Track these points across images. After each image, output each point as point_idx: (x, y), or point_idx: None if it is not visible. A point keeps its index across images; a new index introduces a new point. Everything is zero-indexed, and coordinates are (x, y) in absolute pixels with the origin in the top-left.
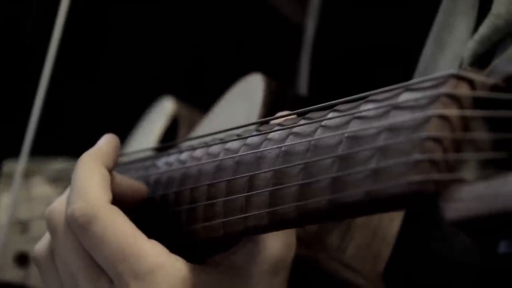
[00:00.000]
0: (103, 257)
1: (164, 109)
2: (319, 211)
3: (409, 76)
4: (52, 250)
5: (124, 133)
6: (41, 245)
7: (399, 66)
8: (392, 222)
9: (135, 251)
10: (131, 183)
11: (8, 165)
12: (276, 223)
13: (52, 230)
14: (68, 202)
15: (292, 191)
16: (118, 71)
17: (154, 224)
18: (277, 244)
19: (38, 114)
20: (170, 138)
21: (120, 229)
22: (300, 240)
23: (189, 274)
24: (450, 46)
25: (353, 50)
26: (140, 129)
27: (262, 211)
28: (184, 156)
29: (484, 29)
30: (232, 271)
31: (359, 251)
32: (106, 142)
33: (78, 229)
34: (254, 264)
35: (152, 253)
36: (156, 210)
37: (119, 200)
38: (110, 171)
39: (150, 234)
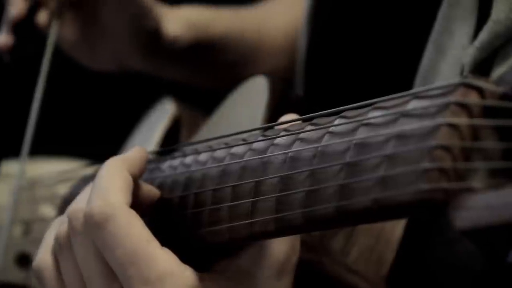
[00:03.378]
0: (115, 258)
1: (166, 111)
2: (326, 217)
3: (408, 81)
4: (57, 257)
5: (125, 134)
6: (44, 254)
7: (398, 71)
8: (395, 226)
9: (146, 255)
10: (150, 190)
11: (6, 166)
12: (282, 229)
13: (73, 229)
14: (88, 201)
15: (299, 197)
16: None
17: (161, 227)
18: (281, 247)
19: (36, 113)
20: (171, 140)
21: (135, 231)
22: (304, 244)
23: (198, 283)
24: (451, 50)
25: (350, 57)
26: (142, 130)
27: (268, 217)
28: (188, 159)
29: (484, 35)
30: (239, 276)
31: (363, 255)
32: (134, 151)
33: (93, 227)
34: (259, 268)
35: (163, 260)
36: (162, 213)
37: (138, 206)
38: (135, 179)
39: (159, 239)
